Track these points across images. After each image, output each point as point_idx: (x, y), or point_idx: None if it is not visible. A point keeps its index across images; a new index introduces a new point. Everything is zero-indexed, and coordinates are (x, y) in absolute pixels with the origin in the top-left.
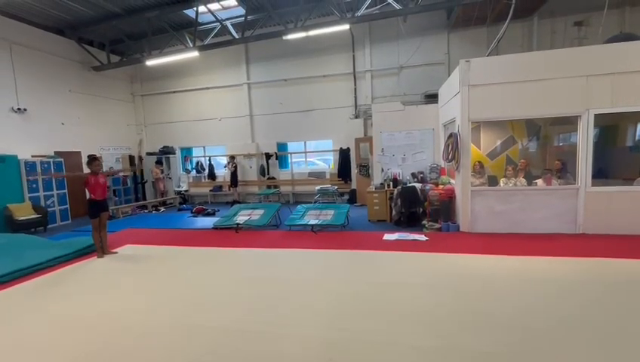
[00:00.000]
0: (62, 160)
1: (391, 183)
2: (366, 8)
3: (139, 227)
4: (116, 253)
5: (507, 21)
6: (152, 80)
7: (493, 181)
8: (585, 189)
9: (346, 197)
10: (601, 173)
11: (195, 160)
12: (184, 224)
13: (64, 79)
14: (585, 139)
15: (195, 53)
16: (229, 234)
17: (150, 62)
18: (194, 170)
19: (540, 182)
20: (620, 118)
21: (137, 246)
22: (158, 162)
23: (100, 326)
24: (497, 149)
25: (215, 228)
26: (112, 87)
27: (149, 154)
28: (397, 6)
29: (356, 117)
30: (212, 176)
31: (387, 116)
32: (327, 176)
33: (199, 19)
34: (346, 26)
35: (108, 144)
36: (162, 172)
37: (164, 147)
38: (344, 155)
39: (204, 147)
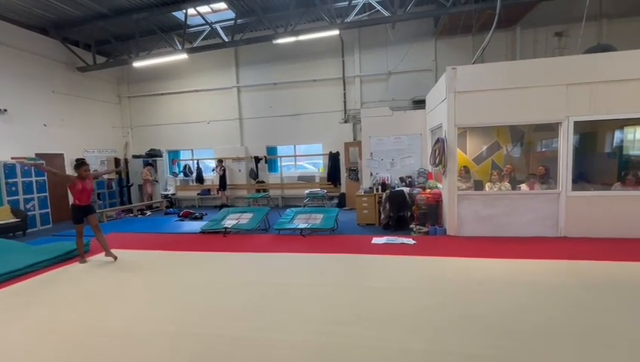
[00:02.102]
0: (43, 162)
1: (380, 187)
2: (355, 15)
3: (124, 231)
4: (116, 257)
5: (491, 30)
6: (139, 82)
7: (479, 185)
8: (566, 194)
9: (336, 201)
10: (582, 178)
11: (182, 163)
12: (171, 228)
13: (47, 80)
14: (565, 146)
15: (183, 56)
16: (217, 239)
17: (137, 64)
18: (181, 174)
19: (523, 186)
20: (598, 126)
21: (122, 251)
22: (149, 164)
23: (81, 335)
24: (483, 154)
25: (203, 232)
26: (98, 89)
27: (135, 157)
28: (386, 13)
29: (346, 121)
30: (200, 179)
31: (376, 121)
32: (317, 180)
33: (188, 22)
34: (335, 32)
35: (92, 146)
36: (152, 174)
37: (151, 150)
38: (334, 159)
39: (192, 150)
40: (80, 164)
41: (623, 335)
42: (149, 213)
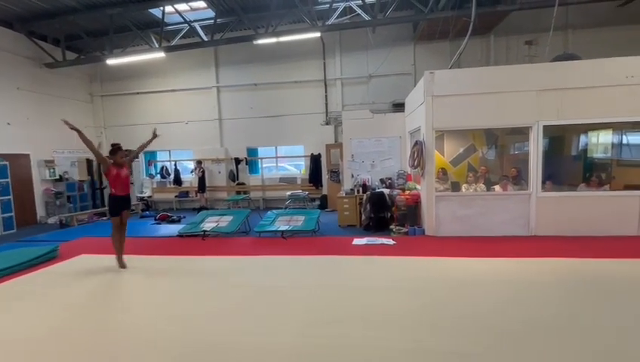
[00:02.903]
0: (7, 163)
1: (360, 189)
2: (336, 18)
3: (96, 235)
4: (125, 266)
5: (467, 37)
6: (113, 80)
7: (456, 187)
8: (536, 195)
9: (317, 202)
10: (551, 180)
11: (159, 164)
12: (147, 232)
13: (11, 76)
14: (535, 149)
15: (160, 54)
16: (195, 242)
17: (111, 62)
18: (158, 175)
19: (497, 187)
20: (565, 130)
21: (93, 256)
22: None
23: (50, 344)
24: (460, 157)
25: (180, 235)
26: (68, 87)
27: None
28: (366, 17)
29: (327, 123)
30: (178, 181)
31: (357, 123)
32: (299, 182)
33: (166, 20)
34: (316, 34)
35: (62, 147)
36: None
37: (126, 150)
38: (315, 161)
39: (169, 151)
40: (115, 149)
41: (594, 329)
42: None
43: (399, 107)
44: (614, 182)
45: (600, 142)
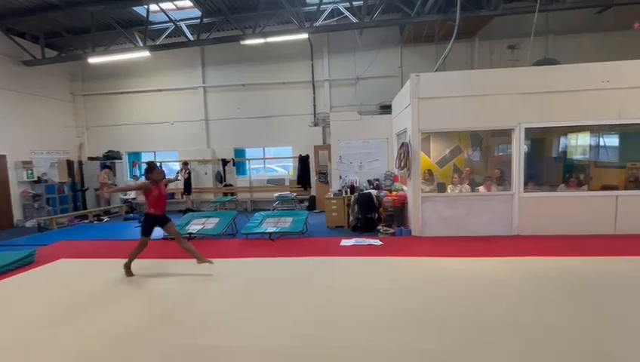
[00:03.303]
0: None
1: (348, 190)
2: (324, 19)
3: (77, 239)
4: (211, 262)
5: (452, 40)
6: (96, 79)
7: (442, 188)
8: (518, 195)
9: (306, 204)
10: (533, 181)
11: (144, 166)
12: (131, 235)
13: None
14: (518, 150)
15: (145, 53)
16: None
17: (93, 60)
18: (143, 177)
19: (481, 188)
20: (546, 132)
21: (74, 261)
22: (107, 167)
23: (25, 354)
24: (446, 158)
25: (165, 238)
26: (48, 85)
27: (91, 159)
28: (353, 19)
29: (315, 125)
30: None
31: (345, 125)
32: (287, 183)
33: (151, 18)
34: (304, 35)
35: (41, 147)
36: (109, 178)
37: (109, 151)
38: (303, 162)
39: (154, 152)
40: (152, 167)
41: (574, 326)
42: (106, 218)
43: (386, 109)
44: (592, 183)
45: (579, 145)
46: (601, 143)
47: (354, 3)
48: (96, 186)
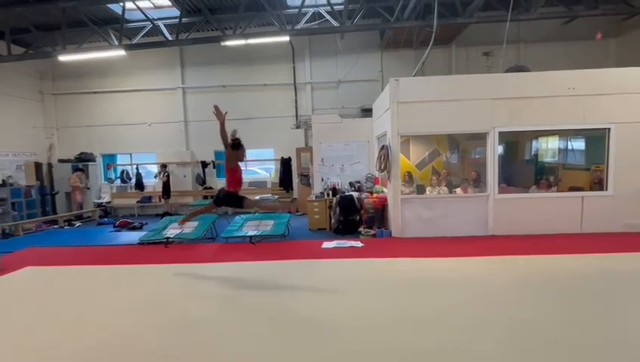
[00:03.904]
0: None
1: (330, 192)
2: (305, 22)
3: (45, 245)
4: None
5: (429, 46)
6: (67, 78)
7: (421, 190)
8: (493, 197)
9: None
10: (507, 182)
11: (119, 168)
12: (105, 240)
13: None
14: (492, 153)
15: (120, 52)
16: (158, 250)
17: (65, 58)
18: (118, 180)
19: (458, 190)
20: (519, 136)
21: (41, 269)
22: (79, 169)
23: None
24: (425, 161)
25: (141, 243)
26: (14, 84)
27: (61, 161)
28: (335, 23)
29: (297, 127)
30: (140, 185)
31: (326, 127)
32: (269, 186)
33: (127, 17)
34: (285, 38)
35: (6, 149)
36: (82, 181)
37: (82, 153)
38: (285, 165)
39: (130, 154)
40: (239, 144)
41: (549, 321)
42: (78, 223)
43: (367, 112)
44: (561, 185)
45: (549, 148)
46: (569, 147)
47: (335, 7)
48: (67, 189)
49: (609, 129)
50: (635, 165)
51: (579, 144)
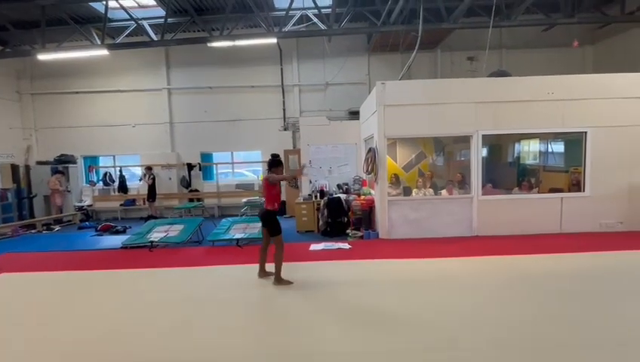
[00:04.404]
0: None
1: (318, 194)
2: (293, 25)
3: (22, 251)
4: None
5: (415, 50)
6: (47, 77)
7: (408, 191)
8: (477, 198)
9: None
10: (491, 184)
11: (102, 170)
12: (86, 245)
13: None
14: (476, 155)
15: (103, 52)
16: (142, 254)
17: (44, 57)
18: (100, 182)
19: (444, 192)
20: (502, 139)
21: (18, 275)
22: (59, 172)
23: None
24: (411, 163)
25: (124, 247)
26: None
27: (40, 163)
28: (322, 26)
29: (285, 129)
30: (123, 188)
31: (314, 130)
32: (256, 188)
33: (110, 15)
34: (272, 40)
35: None
36: (62, 184)
37: (62, 155)
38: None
39: (113, 156)
40: (278, 162)
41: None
42: (57, 228)
43: (355, 115)
44: (542, 186)
45: (530, 150)
46: (549, 149)
47: (322, 10)
48: (45, 193)
49: (586, 132)
50: (609, 167)
51: (558, 147)
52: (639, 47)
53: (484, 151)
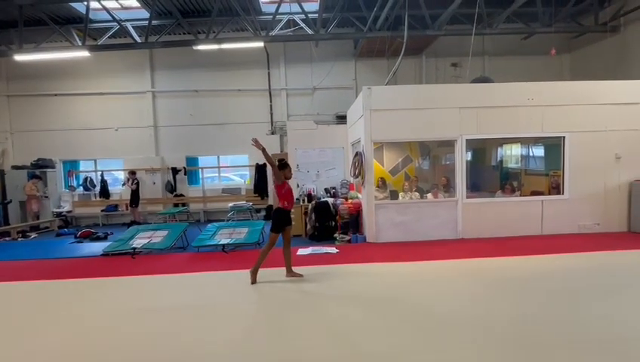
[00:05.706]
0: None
1: (306, 198)
2: (280, 29)
3: None
4: (301, 276)
5: (400, 56)
6: (24, 78)
7: (394, 195)
8: (462, 201)
9: (263, 213)
10: (475, 188)
11: (82, 175)
12: (64, 252)
13: None
14: (460, 159)
15: (84, 53)
16: (124, 261)
17: (20, 58)
18: (81, 187)
19: (429, 195)
20: (485, 143)
21: None
22: (36, 176)
23: None
24: (398, 167)
25: (105, 254)
26: None
27: (15, 167)
28: (309, 31)
29: (272, 133)
30: (105, 193)
31: (302, 134)
32: (243, 193)
33: (92, 16)
34: (259, 44)
35: None
36: (39, 189)
37: (40, 159)
38: (260, 171)
39: (95, 160)
40: (285, 164)
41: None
42: (33, 235)
43: (342, 119)
44: (524, 189)
45: (512, 154)
46: (530, 153)
47: (310, 15)
48: (21, 198)
49: (564, 137)
50: (586, 171)
51: (539, 151)
52: (613, 56)
53: (469, 155)
